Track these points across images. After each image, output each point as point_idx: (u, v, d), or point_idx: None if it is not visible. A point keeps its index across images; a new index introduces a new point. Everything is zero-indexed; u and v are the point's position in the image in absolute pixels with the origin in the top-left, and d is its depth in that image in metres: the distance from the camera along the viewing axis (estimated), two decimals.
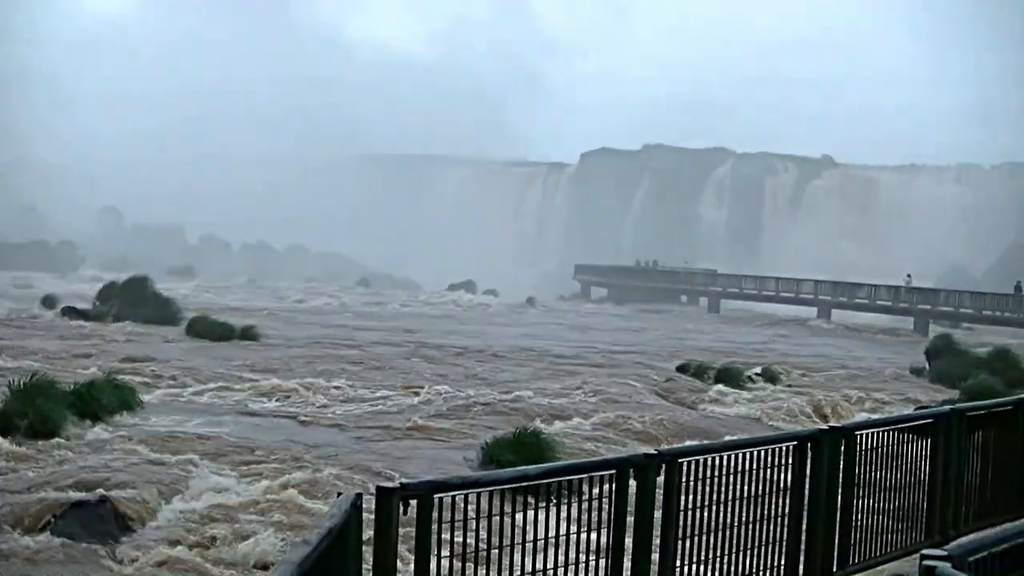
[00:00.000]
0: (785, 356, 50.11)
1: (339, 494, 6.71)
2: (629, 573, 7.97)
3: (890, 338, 69.58)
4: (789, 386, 38.00)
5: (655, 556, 8.23)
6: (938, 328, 67.91)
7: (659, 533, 8.25)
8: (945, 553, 5.01)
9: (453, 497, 7.00)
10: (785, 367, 43.11)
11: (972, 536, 5.70)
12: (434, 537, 6.87)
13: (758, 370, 39.87)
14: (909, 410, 23.77)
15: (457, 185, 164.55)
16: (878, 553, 10.18)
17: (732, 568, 8.82)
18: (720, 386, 35.91)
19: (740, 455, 8.80)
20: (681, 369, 39.62)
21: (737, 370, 38.50)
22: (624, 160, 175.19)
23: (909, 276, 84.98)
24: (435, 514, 6.87)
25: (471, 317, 72.23)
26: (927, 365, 45.13)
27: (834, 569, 9.73)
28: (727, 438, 19.14)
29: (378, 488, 6.76)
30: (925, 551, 5.12)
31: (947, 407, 11.32)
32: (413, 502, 6.77)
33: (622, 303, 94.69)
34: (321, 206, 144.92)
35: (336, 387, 32.41)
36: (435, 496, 6.89)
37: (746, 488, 8.88)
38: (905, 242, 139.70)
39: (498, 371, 38.63)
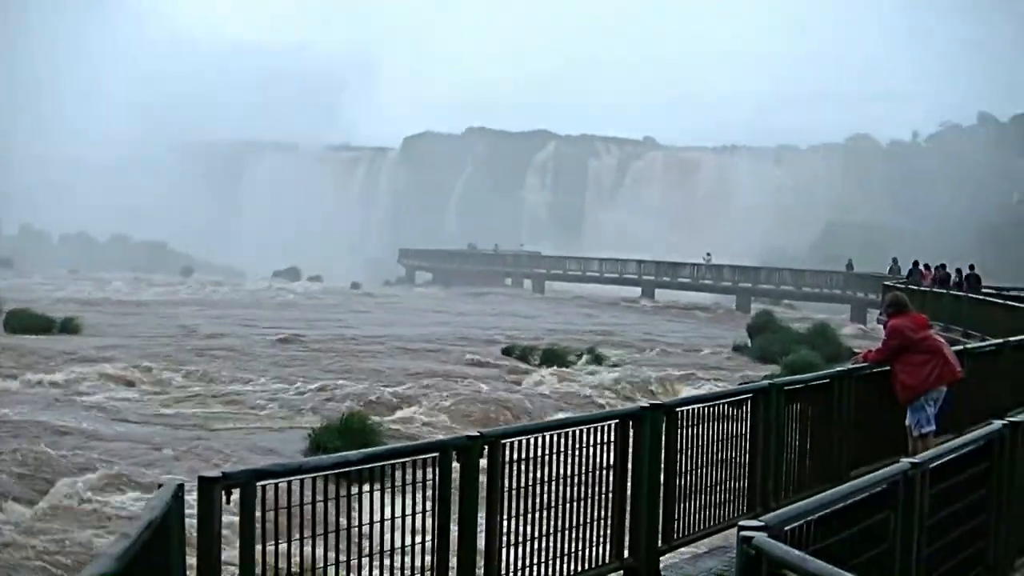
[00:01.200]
0: (610, 336, 50.63)
1: (159, 485, 6.54)
2: (455, 555, 7.94)
3: (714, 316, 70.83)
4: (614, 365, 38.37)
5: (481, 537, 8.22)
6: (760, 306, 69.25)
7: (484, 515, 8.24)
8: (762, 523, 5.07)
9: (276, 485, 6.88)
10: (610, 347, 43.56)
11: (789, 506, 5.77)
12: (258, 525, 6.75)
13: (583, 351, 40.22)
14: (732, 386, 24.22)
15: (281, 171, 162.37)
16: (703, 527, 10.33)
17: (559, 546, 8.85)
18: (546, 368, 36.15)
19: (563, 434, 8.84)
20: (507, 352, 39.77)
21: (562, 351, 38.82)
22: (447, 144, 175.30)
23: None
24: (258, 502, 6.76)
25: (294, 304, 71.37)
26: (749, 342, 46.01)
27: (659, 544, 9.83)
28: (549, 418, 19.31)
29: (200, 478, 6.59)
30: (743, 522, 5.17)
31: (766, 382, 11.54)
32: (236, 491, 6.63)
33: (447, 287, 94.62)
34: (144, 195, 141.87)
35: (156, 379, 31.92)
36: (257, 484, 6.76)
37: (570, 467, 8.91)
38: (726, 222, 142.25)
39: (322, 359, 38.29)
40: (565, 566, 8.93)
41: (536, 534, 8.62)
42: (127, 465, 19.95)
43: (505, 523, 8.34)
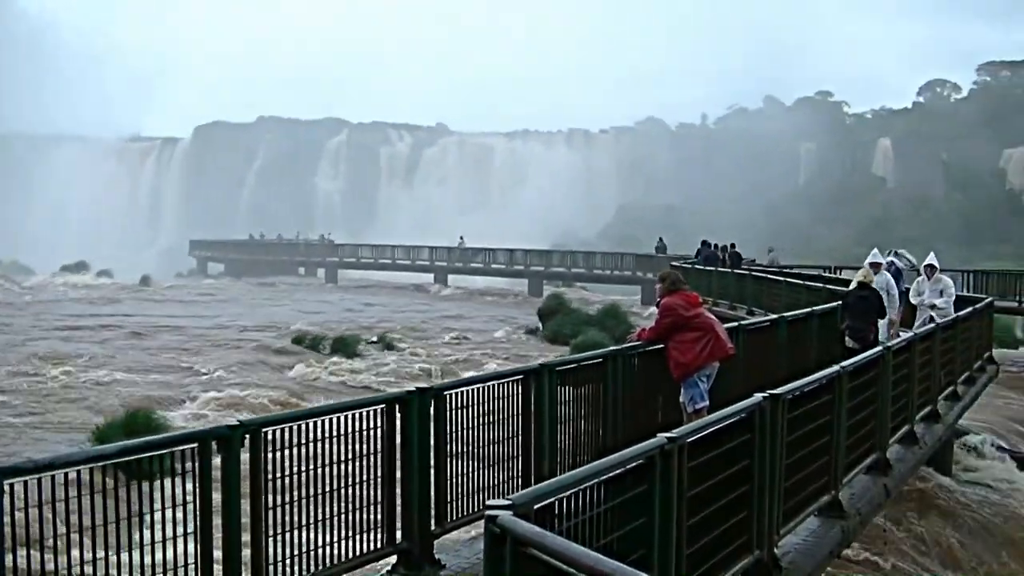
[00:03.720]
0: (401, 322, 50.55)
1: None
2: (220, 547, 7.78)
3: (507, 300, 71.35)
4: (405, 351, 38.35)
5: (247, 528, 8.07)
6: (553, 289, 69.92)
7: (250, 504, 8.09)
8: (509, 502, 5.05)
9: (26, 482, 6.63)
10: (401, 333, 43.50)
11: (542, 484, 5.77)
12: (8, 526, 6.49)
13: (374, 338, 40.10)
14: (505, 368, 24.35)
15: (74, 164, 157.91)
16: (475, 509, 10.31)
17: (329, 533, 8.75)
18: (336, 356, 35.92)
19: (330, 421, 8.73)
20: (297, 341, 39.37)
21: (353, 339, 38.61)
22: (239, 133, 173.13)
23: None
24: (6, 501, 6.49)
25: (83, 298, 69.40)
26: (540, 325, 46.44)
27: (433, 527, 9.80)
28: (315, 404, 19.16)
29: None
30: (489, 502, 5.16)
31: (538, 363, 11.57)
32: None
33: (239, 277, 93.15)
34: None
35: None
36: (5, 483, 6.49)
37: (339, 453, 8.81)
38: (520, 206, 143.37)
39: (112, 353, 37.35)
40: (338, 553, 8.84)
41: (306, 522, 8.50)
42: None
43: (273, 512, 8.20)
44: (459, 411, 10.08)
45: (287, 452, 8.30)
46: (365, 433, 9.10)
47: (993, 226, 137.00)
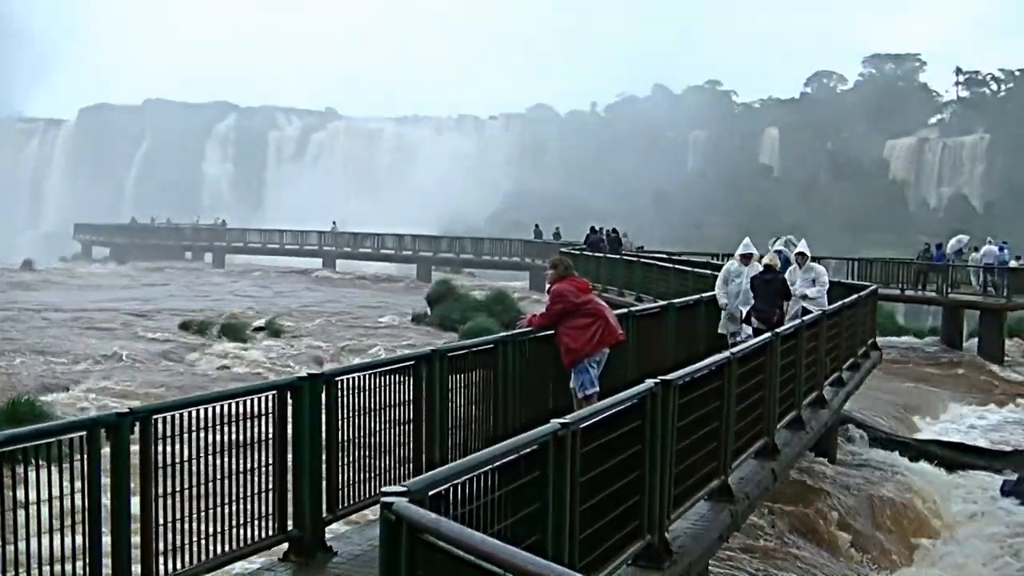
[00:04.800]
0: (289, 308, 50.19)
1: None
2: (109, 537, 7.66)
3: (396, 286, 71.14)
4: (293, 337, 38.11)
5: (136, 517, 7.95)
6: (441, 274, 69.91)
7: (139, 493, 7.98)
8: (404, 489, 5.04)
9: None
10: (289, 319, 43.21)
11: (436, 470, 5.77)
12: None
13: (262, 323, 39.77)
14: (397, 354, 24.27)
15: None
16: (369, 494, 10.26)
17: (220, 522, 8.66)
18: (223, 341, 35.60)
19: (220, 407, 8.64)
20: (184, 327, 38.92)
21: (241, 324, 38.30)
22: (125, 116, 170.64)
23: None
24: None
25: None
26: (429, 310, 46.37)
27: (324, 514, 9.75)
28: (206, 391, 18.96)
29: None
30: (384, 488, 5.14)
31: (429, 349, 11.55)
32: None
33: (124, 262, 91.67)
34: None
35: None
36: None
37: (231, 440, 8.73)
38: (409, 191, 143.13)
39: None
40: (229, 541, 8.76)
41: (197, 511, 8.41)
42: None
43: (163, 501, 8.10)
44: (350, 397, 10.03)
45: (177, 440, 8.20)
46: (256, 420, 9.03)
47: (877, 215, 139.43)
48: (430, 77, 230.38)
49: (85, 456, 7.46)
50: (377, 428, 10.46)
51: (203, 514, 8.49)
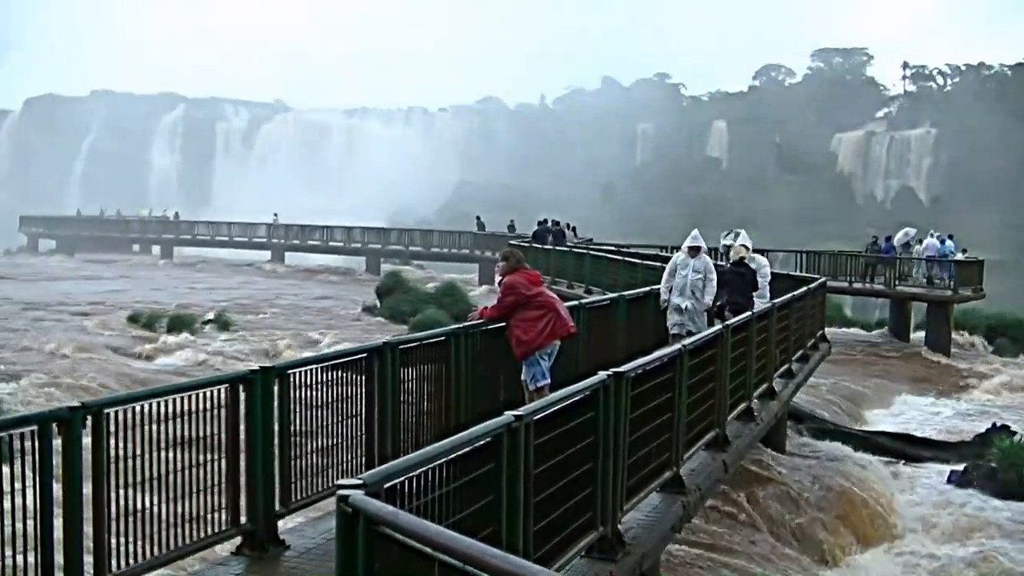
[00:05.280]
0: (238, 300, 49.95)
1: None
2: (61, 533, 7.60)
3: (345, 278, 70.88)
4: (243, 330, 37.93)
5: (89, 512, 7.90)
6: (390, 266, 69.80)
7: (92, 488, 7.92)
8: (360, 481, 5.05)
9: None
10: (238, 311, 42.99)
11: (392, 463, 5.77)
12: None
13: (211, 316, 39.54)
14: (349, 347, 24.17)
15: None
16: (320, 489, 10.25)
17: (174, 515, 8.61)
18: (172, 335, 35.38)
19: (172, 401, 8.59)
20: (132, 320, 38.65)
21: (190, 317, 38.02)
22: (71, 107, 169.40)
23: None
24: None
25: None
26: (379, 303, 46.28)
27: (277, 508, 9.72)
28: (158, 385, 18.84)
29: None
30: (340, 481, 5.14)
31: (381, 341, 11.53)
32: None
33: (72, 254, 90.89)
34: None
35: None
36: None
37: (183, 434, 8.68)
38: (358, 183, 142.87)
39: None
40: (182, 534, 8.71)
41: (149, 505, 8.36)
42: None
43: (115, 495, 8.04)
44: (303, 390, 10.00)
45: (130, 434, 8.15)
46: (209, 413, 8.99)
47: (824, 208, 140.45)
48: (380, 70, 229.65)
49: (37, 451, 7.40)
50: (329, 421, 10.44)
51: (156, 508, 8.45)
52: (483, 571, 4.14)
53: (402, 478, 5.67)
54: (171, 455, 8.56)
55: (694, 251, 19.54)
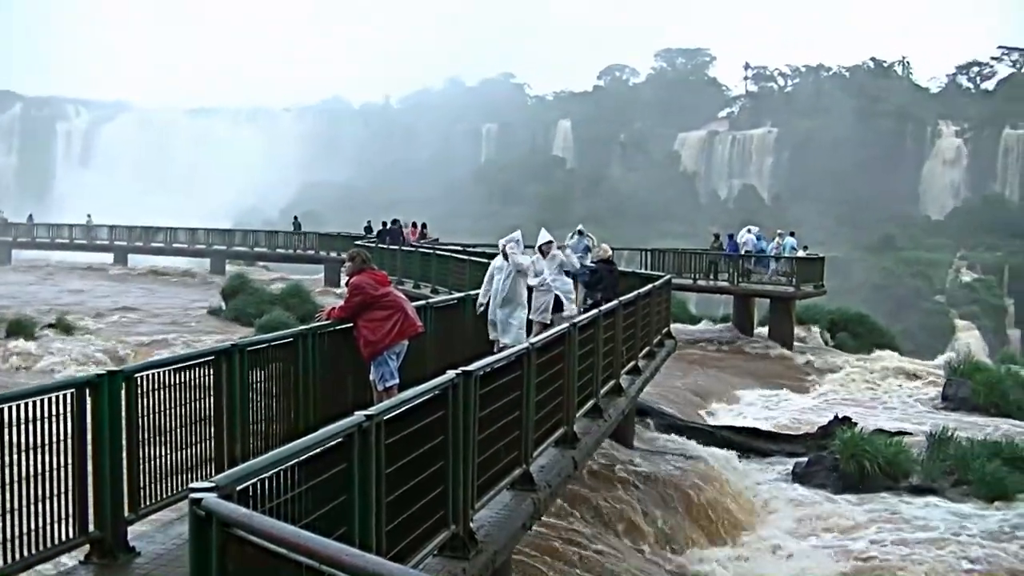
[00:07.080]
0: (80, 304, 48.90)
1: None
2: None
3: (190, 280, 69.82)
4: (87, 334, 37.22)
5: None
6: (235, 268, 69.15)
7: None
8: (212, 484, 5.04)
9: None
10: (80, 315, 42.16)
11: (243, 465, 5.76)
12: None
13: (52, 320, 38.69)
14: (197, 349, 23.90)
15: None
16: (170, 493, 10.16)
17: (16, 527, 8.42)
18: (12, 340, 34.56)
19: (17, 407, 8.41)
20: None
21: (29, 322, 37.10)
22: None
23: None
24: None
25: None
26: (224, 305, 45.83)
27: (126, 514, 9.59)
28: None
29: None
30: (193, 484, 5.13)
31: (228, 343, 11.44)
32: None
33: None
34: None
35: None
36: None
37: (27, 441, 8.50)
38: (202, 183, 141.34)
39: None
40: (25, 547, 8.51)
41: None
42: None
43: None
44: (150, 394, 9.89)
45: None
46: (54, 419, 8.82)
47: (668, 206, 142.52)
48: (225, 70, 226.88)
49: None
50: (178, 425, 10.33)
51: None
52: (340, 571, 4.18)
53: (255, 480, 5.66)
54: (14, 461, 8.39)
55: (544, 249, 19.64)
